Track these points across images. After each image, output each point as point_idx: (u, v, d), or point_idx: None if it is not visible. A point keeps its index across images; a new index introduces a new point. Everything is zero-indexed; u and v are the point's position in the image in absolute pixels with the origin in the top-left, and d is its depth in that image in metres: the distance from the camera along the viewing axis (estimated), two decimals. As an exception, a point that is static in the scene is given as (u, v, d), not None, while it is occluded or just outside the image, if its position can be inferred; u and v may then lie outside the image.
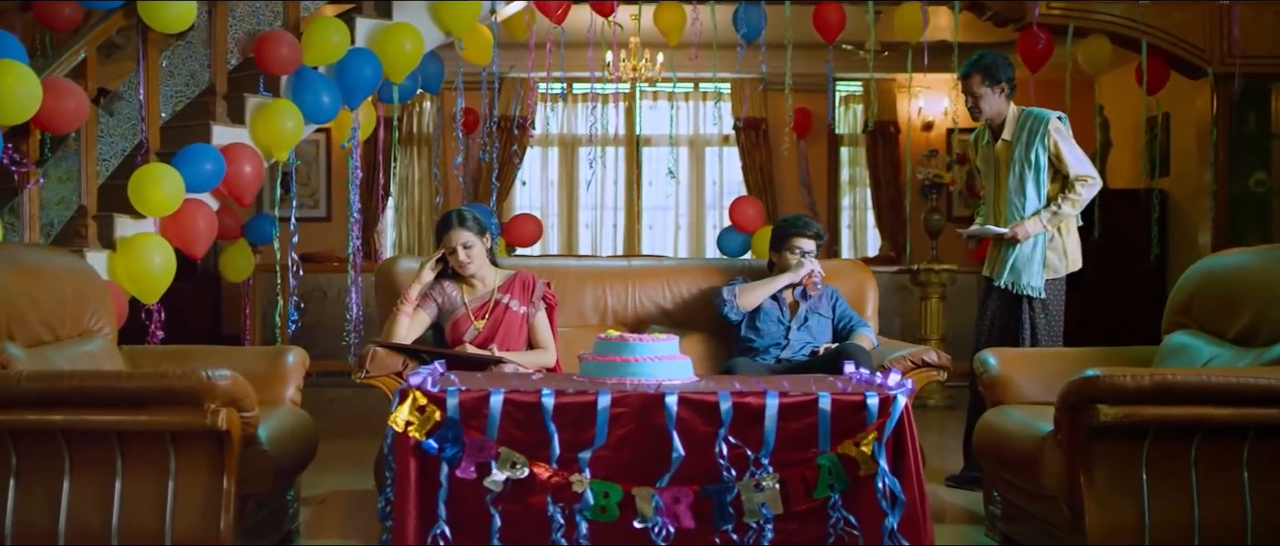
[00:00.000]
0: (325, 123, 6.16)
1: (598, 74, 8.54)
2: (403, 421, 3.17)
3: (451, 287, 4.51)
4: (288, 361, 4.04)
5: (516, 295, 4.50)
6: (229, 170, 5.62)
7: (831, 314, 4.69)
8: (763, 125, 10.33)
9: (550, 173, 10.45)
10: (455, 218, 4.44)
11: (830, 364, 4.29)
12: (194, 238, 5.51)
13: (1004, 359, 4.14)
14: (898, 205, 10.33)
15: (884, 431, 3.18)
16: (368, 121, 6.55)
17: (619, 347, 3.47)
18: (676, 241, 10.61)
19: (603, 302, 4.96)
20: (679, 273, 5.04)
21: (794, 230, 4.72)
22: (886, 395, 3.23)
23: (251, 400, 3.29)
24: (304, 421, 3.89)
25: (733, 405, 3.19)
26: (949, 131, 10.28)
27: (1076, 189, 4.93)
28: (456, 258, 4.41)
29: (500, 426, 3.19)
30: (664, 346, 3.51)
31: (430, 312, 4.48)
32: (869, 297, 5.01)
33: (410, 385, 3.21)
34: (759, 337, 4.58)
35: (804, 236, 4.70)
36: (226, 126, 5.83)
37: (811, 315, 4.64)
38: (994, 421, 3.91)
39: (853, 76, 10.13)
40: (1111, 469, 3.28)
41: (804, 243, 4.69)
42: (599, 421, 3.19)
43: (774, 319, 4.61)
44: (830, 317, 4.68)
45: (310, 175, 10.38)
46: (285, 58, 5.81)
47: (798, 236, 4.69)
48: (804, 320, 4.61)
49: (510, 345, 4.44)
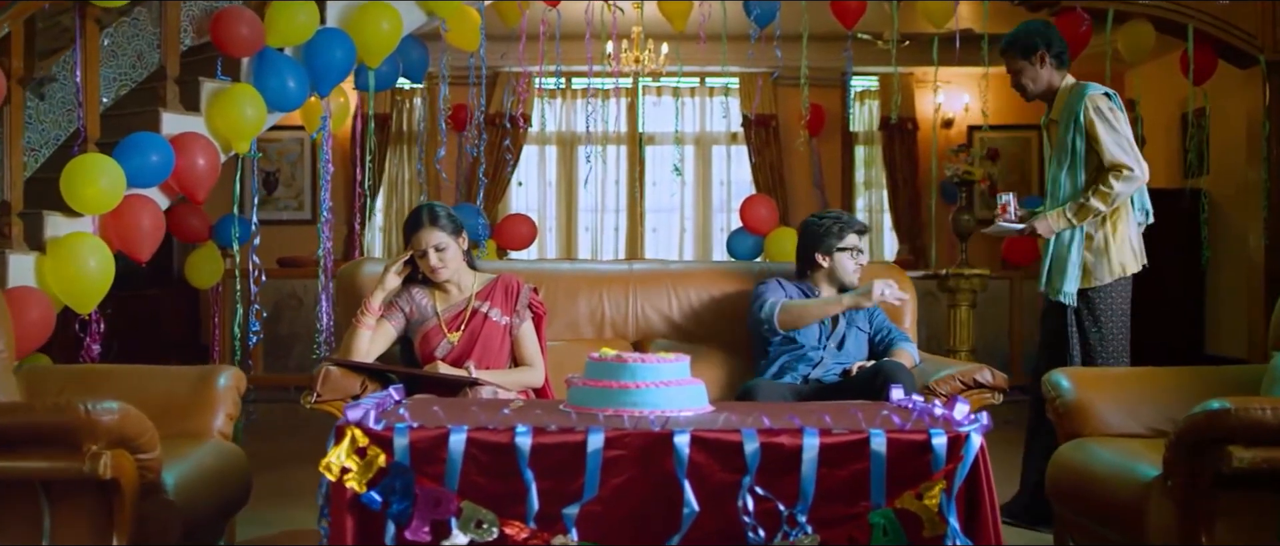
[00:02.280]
0: (291, 111, 5.42)
1: (596, 68, 7.79)
2: (338, 468, 2.42)
3: (421, 295, 3.78)
4: (218, 384, 3.28)
5: (498, 303, 3.76)
6: (179, 163, 4.89)
7: (868, 325, 3.94)
8: (773, 122, 9.58)
9: (548, 173, 9.69)
10: (425, 214, 3.71)
11: (866, 386, 3.54)
12: (137, 238, 4.78)
13: (1079, 381, 3.36)
14: (916, 207, 9.57)
15: (954, 480, 2.43)
16: (341, 111, 5.80)
17: (615, 371, 2.72)
18: (682, 246, 9.86)
19: (599, 313, 4.21)
20: (688, 277, 4.29)
21: (847, 226, 3.94)
22: (957, 433, 2.47)
23: (149, 438, 2.54)
24: (231, 459, 3.13)
25: (761, 446, 2.44)
26: (971, 129, 9.54)
27: (1109, 180, 4.06)
28: (427, 261, 3.68)
29: (463, 474, 2.44)
30: (672, 369, 2.76)
31: (397, 324, 3.74)
32: (907, 307, 4.27)
33: (348, 420, 2.46)
34: (793, 351, 3.82)
35: (859, 232, 3.94)
36: (178, 114, 5.10)
37: (851, 330, 3.89)
38: (1075, 460, 3.14)
39: (870, 70, 9.37)
40: (1241, 525, 2.52)
41: (861, 241, 3.93)
42: (589, 467, 2.44)
43: (814, 334, 3.85)
44: (867, 331, 3.93)
45: (295, 175, 9.64)
46: (246, 38, 5.08)
47: (853, 232, 3.93)
48: (841, 338, 3.86)
49: (490, 362, 3.70)
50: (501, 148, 8.09)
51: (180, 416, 3.11)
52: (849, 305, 3.80)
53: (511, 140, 7.88)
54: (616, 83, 9.10)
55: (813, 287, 3.96)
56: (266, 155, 9.49)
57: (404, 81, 9.25)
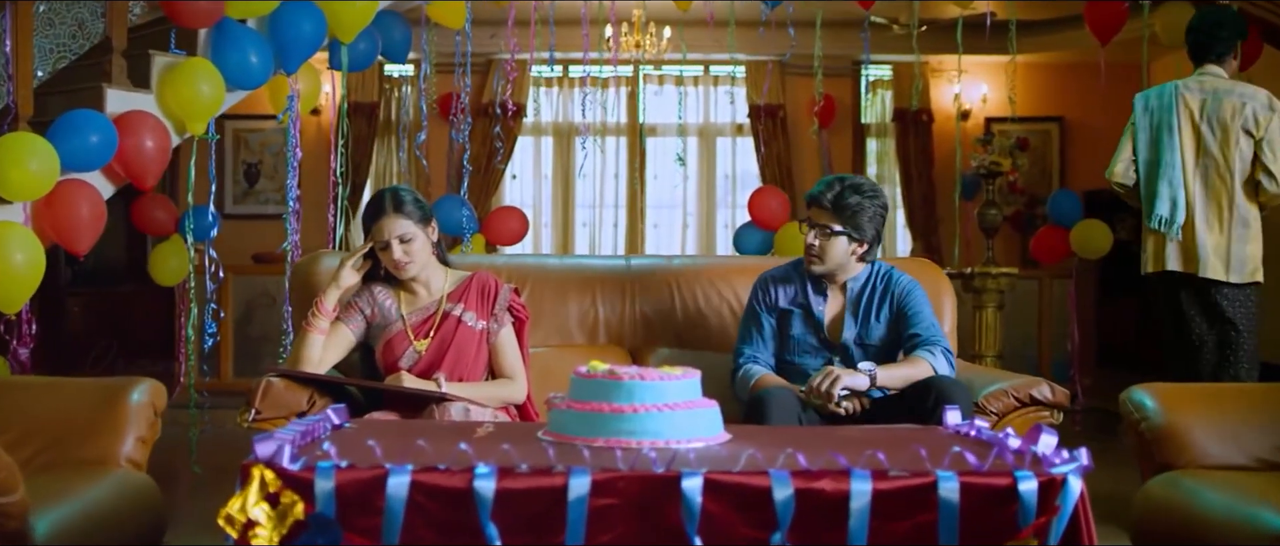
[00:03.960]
0: (254, 89, 4.83)
1: (592, 56, 7.19)
2: (242, 521, 1.82)
3: (384, 295, 3.19)
4: (130, 401, 2.66)
5: (473, 305, 3.17)
6: (124, 145, 4.31)
7: (885, 313, 3.22)
8: (780, 112, 8.95)
9: (544, 165, 9.06)
10: (389, 199, 3.12)
11: (909, 403, 2.95)
12: (73, 229, 4.20)
13: (1168, 400, 2.73)
14: (931, 202, 8.95)
15: (1049, 537, 1.84)
16: (310, 92, 5.20)
17: (607, 390, 2.12)
18: (684, 242, 9.23)
19: (591, 316, 3.61)
20: (695, 273, 3.69)
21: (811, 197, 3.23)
22: (1050, 477, 1.88)
23: (9, 479, 1.95)
24: (137, 493, 2.52)
25: (796, 493, 1.84)
26: (988, 121, 8.93)
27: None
28: (390, 254, 3.09)
29: (406, 527, 1.84)
30: (679, 387, 2.16)
31: (355, 329, 3.16)
32: (946, 308, 3.68)
33: (257, 458, 1.86)
34: (796, 373, 3.22)
35: (811, 202, 3.21)
36: (125, 91, 4.52)
37: (859, 349, 3.21)
38: (1172, 500, 2.52)
39: (884, 58, 8.75)
40: None
41: (818, 212, 3.18)
42: (571, 520, 1.84)
43: (814, 364, 3.22)
44: (883, 322, 3.23)
45: (278, 167, 9.03)
46: (203, 7, 4.49)
47: (809, 201, 3.23)
48: (850, 356, 3.21)
49: (464, 373, 3.11)
50: (493, 137, 7.46)
51: (80, 441, 2.53)
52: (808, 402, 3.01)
53: (502, 128, 7.26)
54: (615, 70, 8.50)
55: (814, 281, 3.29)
56: (247, 145, 8.88)
57: (394, 68, 8.71)
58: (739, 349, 3.26)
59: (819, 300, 3.25)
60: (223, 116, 8.92)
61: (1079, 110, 8.91)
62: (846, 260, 3.20)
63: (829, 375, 2.93)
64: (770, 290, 3.28)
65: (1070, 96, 8.91)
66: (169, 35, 4.66)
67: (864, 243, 3.18)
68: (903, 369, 3.04)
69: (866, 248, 3.20)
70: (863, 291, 3.24)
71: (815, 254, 3.19)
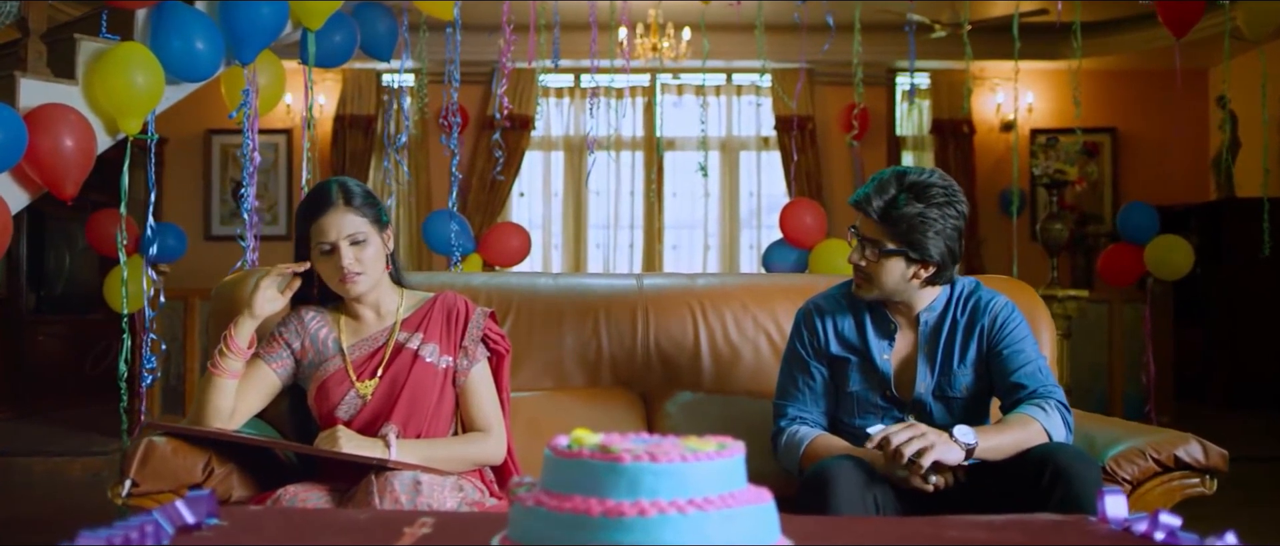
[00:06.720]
0: (201, 81, 4.05)
1: (602, 63, 6.41)
2: None
3: (318, 322, 2.38)
4: None
5: (435, 335, 2.36)
6: (37, 143, 3.54)
7: (972, 352, 2.38)
8: (809, 124, 8.14)
9: (554, 182, 8.26)
10: (337, 190, 2.31)
11: (1014, 477, 2.11)
12: (-31, 244, 3.41)
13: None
14: (973, 219, 8.12)
15: None
16: (272, 91, 4.42)
17: (598, 477, 1.28)
18: (706, 264, 8.41)
19: (592, 349, 2.78)
20: (724, 295, 2.86)
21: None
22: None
23: None
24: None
25: None
26: (1033, 132, 8.11)
27: None
28: (336, 260, 2.28)
29: None
30: (711, 472, 1.31)
31: (280, 367, 2.36)
32: (1045, 341, 2.85)
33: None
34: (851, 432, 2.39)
35: (856, 206, 2.37)
36: (43, 80, 3.75)
37: (939, 402, 2.38)
38: None
39: (921, 66, 7.94)
40: None
41: (862, 222, 2.36)
42: None
43: (874, 407, 2.40)
44: (970, 367, 2.38)
45: (269, 184, 8.28)
46: (139, -16, 3.74)
47: (855, 207, 2.39)
48: (926, 411, 2.37)
49: (422, 425, 2.30)
50: (493, 147, 6.68)
51: None
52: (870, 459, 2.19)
53: (503, 138, 6.47)
54: (630, 79, 7.71)
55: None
56: (235, 161, 8.14)
57: (393, 79, 7.95)
58: (781, 407, 2.41)
59: (882, 344, 2.37)
60: (209, 130, 8.26)
61: (1135, 120, 8.08)
62: (904, 286, 2.31)
63: (917, 435, 2.08)
64: (818, 327, 2.41)
65: (1124, 106, 8.09)
66: (99, 14, 3.90)
67: (929, 265, 2.32)
68: (1010, 434, 2.16)
69: (935, 270, 2.34)
70: (941, 325, 2.37)
71: (863, 276, 2.35)
